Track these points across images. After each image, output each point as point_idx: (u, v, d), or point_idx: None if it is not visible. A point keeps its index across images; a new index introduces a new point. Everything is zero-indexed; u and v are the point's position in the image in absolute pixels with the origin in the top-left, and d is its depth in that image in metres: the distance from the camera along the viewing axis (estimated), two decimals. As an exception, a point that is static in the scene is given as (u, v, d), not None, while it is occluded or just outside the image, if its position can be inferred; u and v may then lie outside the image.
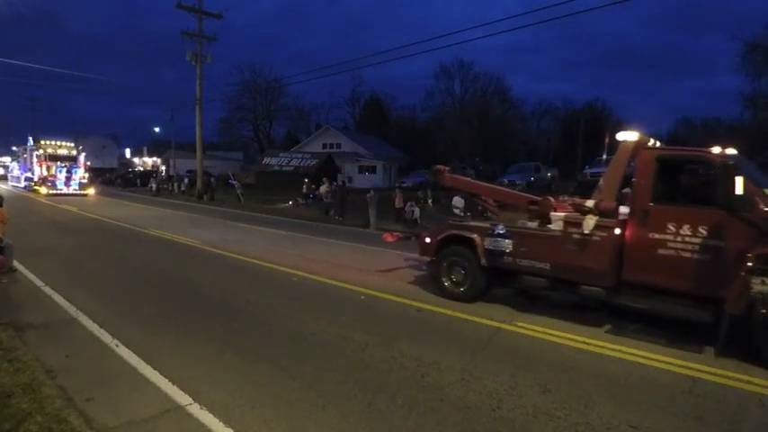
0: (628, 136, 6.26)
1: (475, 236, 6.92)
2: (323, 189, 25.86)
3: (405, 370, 4.65)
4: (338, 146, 47.84)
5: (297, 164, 38.65)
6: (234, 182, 30.49)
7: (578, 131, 47.72)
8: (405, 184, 31.75)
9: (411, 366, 4.72)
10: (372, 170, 44.72)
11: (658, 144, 6.82)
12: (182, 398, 3.95)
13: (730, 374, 4.65)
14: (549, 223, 6.38)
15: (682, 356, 5.08)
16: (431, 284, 7.79)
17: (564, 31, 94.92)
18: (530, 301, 7.10)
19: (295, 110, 66.42)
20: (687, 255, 5.34)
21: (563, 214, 6.30)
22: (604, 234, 5.81)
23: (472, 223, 7.35)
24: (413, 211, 17.99)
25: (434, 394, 4.13)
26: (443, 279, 7.34)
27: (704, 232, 5.27)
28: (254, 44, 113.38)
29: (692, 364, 4.87)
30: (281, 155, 42.08)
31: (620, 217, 5.94)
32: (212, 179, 32.56)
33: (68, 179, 29.66)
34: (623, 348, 5.31)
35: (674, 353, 5.18)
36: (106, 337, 5.33)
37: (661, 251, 5.49)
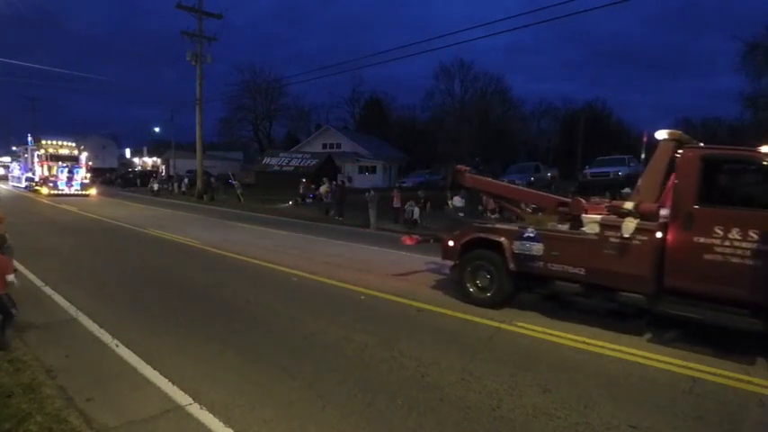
0: (668, 134, 5.96)
1: (503, 239, 6.62)
2: (323, 189, 25.87)
3: (405, 370, 4.65)
4: (338, 146, 47.86)
5: (297, 164, 38.67)
6: (234, 182, 30.47)
7: (578, 131, 47.72)
8: (405, 184, 31.78)
9: (411, 366, 4.72)
10: (372, 170, 44.74)
11: (701, 144, 6.45)
12: (182, 398, 3.95)
13: (730, 374, 4.65)
14: (581, 226, 6.14)
15: (682, 356, 5.08)
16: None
17: (564, 31, 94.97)
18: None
19: (295, 110, 66.52)
20: (737, 260, 5.03)
21: (598, 217, 6.04)
22: (645, 238, 5.49)
23: (499, 226, 7.06)
24: (412, 211, 17.98)
25: (434, 394, 4.13)
26: (468, 284, 7.03)
27: (756, 236, 4.95)
28: (253, 44, 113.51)
29: (692, 364, 4.87)
30: (281, 155, 42.10)
31: (660, 220, 5.64)
32: (212, 179, 32.54)
33: (70, 179, 29.30)
34: (623, 348, 5.31)
35: (674, 353, 5.18)
36: (106, 337, 5.33)
37: (707, 256, 5.17)
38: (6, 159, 57.39)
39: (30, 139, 33.54)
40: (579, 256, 6.00)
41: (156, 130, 58.11)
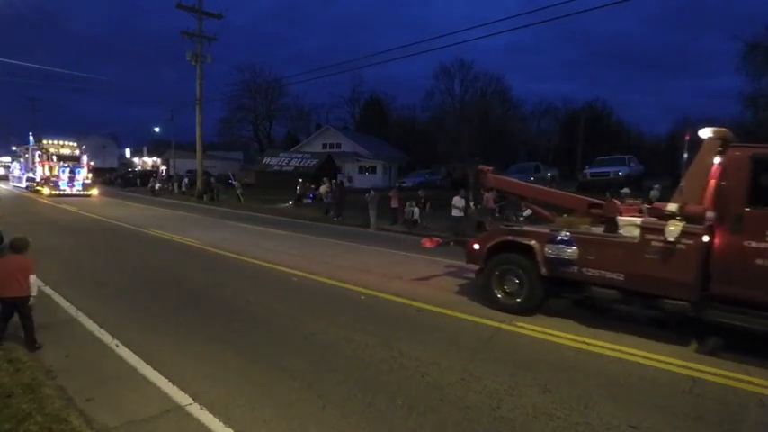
0: (713, 133, 5.74)
1: (533, 242, 6.33)
2: (323, 189, 25.86)
3: (405, 370, 4.65)
4: (338, 146, 47.86)
5: (297, 164, 38.65)
6: (234, 182, 30.46)
7: (578, 131, 47.73)
8: (405, 184, 31.77)
9: (411, 366, 4.72)
10: (372, 170, 44.73)
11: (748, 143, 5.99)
12: (182, 398, 3.95)
13: (730, 374, 4.65)
14: (616, 228, 5.95)
15: (682, 356, 5.08)
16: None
17: (564, 32, 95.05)
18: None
19: (295, 110, 66.50)
20: None
21: (638, 219, 5.83)
22: (691, 242, 5.23)
23: (530, 228, 6.77)
24: (412, 212, 17.97)
25: (434, 394, 4.13)
26: (495, 290, 6.74)
27: None
28: (253, 44, 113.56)
29: (691, 364, 4.87)
30: (281, 155, 42.08)
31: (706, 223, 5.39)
32: (212, 179, 32.51)
33: (72, 179, 28.94)
34: (623, 348, 5.31)
35: (675, 353, 5.18)
36: (106, 337, 5.33)
37: (758, 261, 4.91)
38: (6, 159, 57.36)
39: (31, 138, 33.33)
40: (618, 260, 5.72)
41: (156, 130, 58.07)
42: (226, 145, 68.30)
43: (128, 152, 63.41)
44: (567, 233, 6.15)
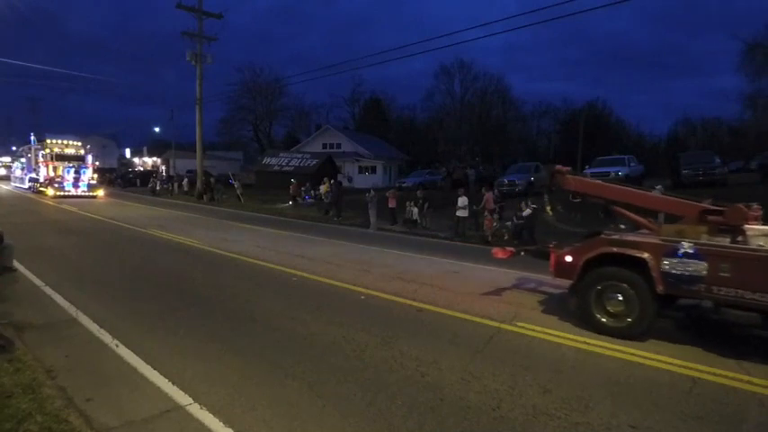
0: None
1: (646, 255, 5.50)
2: (323, 189, 25.88)
3: (405, 370, 4.64)
4: (338, 146, 47.84)
5: (297, 164, 38.64)
6: (234, 182, 30.46)
7: (578, 131, 47.72)
8: (405, 184, 31.74)
9: (411, 366, 4.72)
10: (372, 170, 44.73)
11: None
12: (182, 398, 3.95)
13: (730, 374, 4.65)
14: (745, 238, 5.32)
15: (682, 356, 5.08)
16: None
17: (564, 31, 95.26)
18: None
19: (295, 110, 66.50)
20: None
21: None
22: None
23: (639, 239, 5.85)
24: (412, 212, 17.96)
25: (434, 394, 4.13)
26: (595, 310, 5.87)
27: None
28: (253, 44, 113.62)
29: (691, 364, 4.86)
30: (281, 155, 42.07)
31: None
32: (212, 179, 32.52)
33: (77, 180, 28.23)
34: (623, 348, 5.30)
35: (675, 353, 5.18)
36: (106, 337, 5.33)
37: None
38: (6, 159, 57.32)
39: (32, 138, 32.89)
40: (763, 278, 4.90)
41: (156, 130, 58.21)
42: (226, 145, 68.32)
43: (128, 152, 63.48)
44: (692, 245, 5.29)
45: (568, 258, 6.23)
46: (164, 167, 51.17)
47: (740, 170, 33.87)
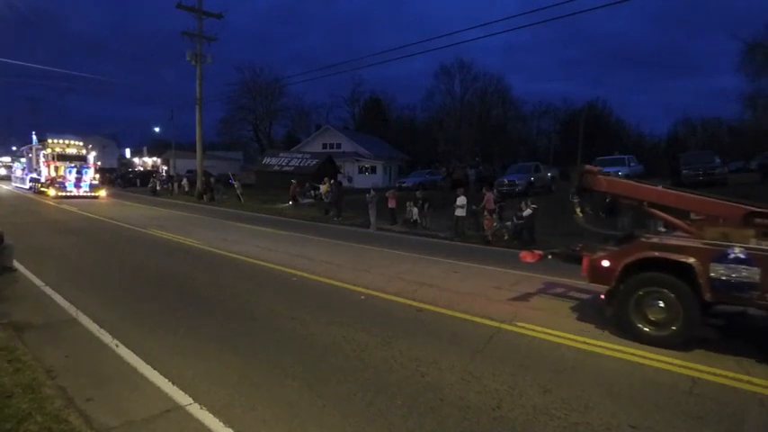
0: None
1: (693, 260, 5.18)
2: (323, 188, 25.89)
3: (405, 370, 4.64)
4: (338, 146, 47.85)
5: (297, 164, 38.66)
6: (234, 182, 30.45)
7: (578, 131, 47.71)
8: (405, 184, 31.73)
9: (411, 366, 4.72)
10: (372, 170, 44.75)
11: None
12: (182, 398, 3.95)
13: (730, 374, 4.65)
14: None
15: (682, 356, 5.08)
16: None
17: (564, 31, 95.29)
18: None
19: (295, 110, 66.51)
20: None
21: None
22: None
23: (684, 243, 5.52)
24: (412, 212, 17.96)
25: (434, 394, 4.13)
26: (634, 318, 5.58)
27: None
28: (253, 44, 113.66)
29: (691, 364, 4.86)
30: (281, 155, 42.09)
31: None
32: (212, 179, 32.51)
33: (79, 180, 27.90)
34: (623, 348, 5.31)
35: (675, 353, 5.18)
36: (106, 337, 5.33)
37: None
38: (6, 159, 57.29)
39: (34, 137, 32.62)
40: None
41: (156, 130, 58.23)
42: (226, 145, 68.30)
43: (128, 152, 63.42)
44: (744, 250, 4.98)
45: (605, 263, 5.89)
46: (164, 167, 51.15)
47: (740, 170, 33.88)
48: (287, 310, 6.58)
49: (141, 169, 49.93)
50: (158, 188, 36.07)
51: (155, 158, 54.66)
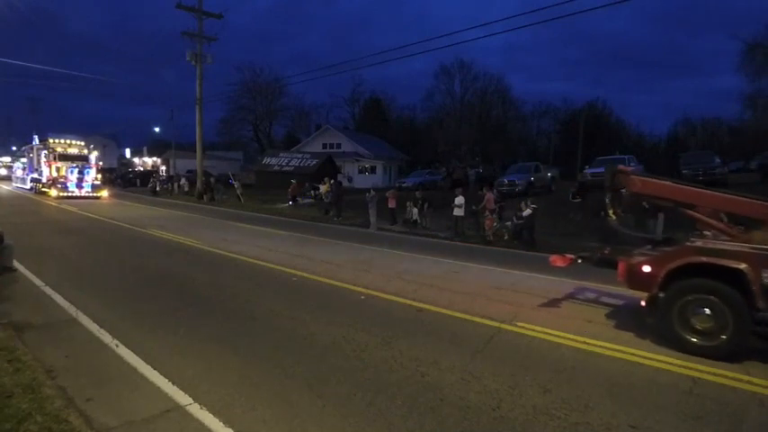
0: None
1: (744, 266, 4.90)
2: (323, 188, 25.89)
3: (405, 370, 4.64)
4: (338, 146, 47.86)
5: (297, 164, 38.67)
6: (234, 182, 30.46)
7: (578, 131, 47.72)
8: (405, 184, 31.73)
9: (411, 366, 4.72)
10: (372, 170, 44.74)
11: None
12: (182, 398, 3.95)
13: (730, 374, 4.65)
14: None
15: (682, 356, 5.08)
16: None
17: (563, 31, 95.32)
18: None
19: (295, 110, 66.51)
20: None
21: None
22: None
23: (731, 247, 5.24)
24: (412, 212, 17.96)
25: (434, 394, 4.13)
26: (678, 327, 5.28)
27: None
28: (253, 44, 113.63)
29: (691, 364, 4.86)
30: (281, 155, 42.10)
31: None
32: (212, 179, 32.50)
33: (80, 180, 27.55)
34: (623, 348, 5.30)
35: (675, 353, 5.18)
36: (106, 337, 5.33)
37: None
38: (6, 159, 57.28)
39: (35, 137, 32.41)
40: None
41: (156, 130, 58.24)
42: (226, 145, 68.29)
43: (128, 152, 63.41)
44: None
45: (646, 268, 5.58)
46: (164, 167, 51.15)
47: (740, 170, 33.87)
48: (287, 310, 6.58)
49: (141, 169, 49.94)
50: (158, 188, 36.06)
51: (155, 158, 54.67)
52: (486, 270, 9.86)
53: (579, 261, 6.88)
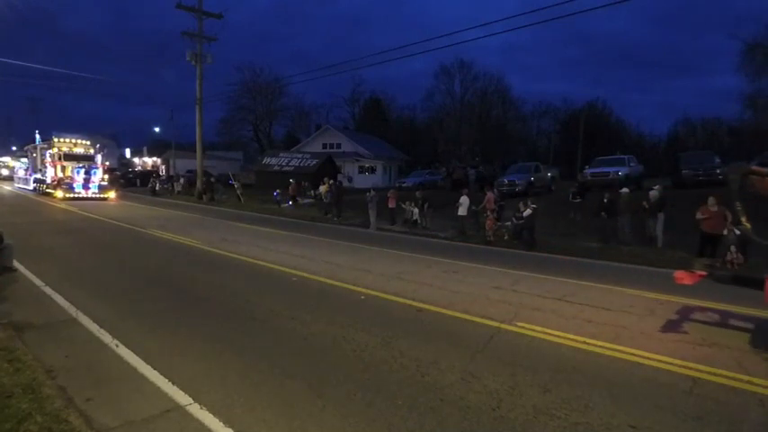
0: None
1: None
2: (323, 189, 25.89)
3: (405, 370, 4.64)
4: (338, 146, 47.85)
5: (297, 164, 38.64)
6: (234, 182, 30.45)
7: (578, 131, 47.72)
8: (405, 184, 31.74)
9: (411, 366, 4.72)
10: (372, 170, 44.74)
11: None
12: (182, 398, 3.95)
13: (730, 374, 4.65)
14: None
15: (682, 356, 5.08)
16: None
17: (563, 31, 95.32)
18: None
19: (295, 110, 66.51)
20: None
21: None
22: None
23: None
24: (412, 212, 17.96)
25: (434, 394, 4.13)
26: None
27: None
28: (253, 44, 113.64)
29: (691, 364, 4.86)
30: (281, 155, 42.06)
31: None
32: (212, 179, 32.49)
33: (87, 181, 26.35)
34: (623, 348, 5.30)
35: (675, 353, 5.18)
36: (106, 337, 5.32)
37: None
38: (6, 159, 57.28)
39: (37, 137, 31.87)
40: None
41: (156, 130, 58.29)
42: (226, 145, 68.29)
43: (128, 152, 63.43)
44: None
45: None
46: (164, 167, 51.16)
47: (740, 170, 33.77)
48: (287, 310, 6.58)
49: (141, 169, 49.95)
50: (158, 188, 36.06)
51: (155, 158, 54.71)
52: (486, 270, 9.86)
53: (711, 278, 5.86)
